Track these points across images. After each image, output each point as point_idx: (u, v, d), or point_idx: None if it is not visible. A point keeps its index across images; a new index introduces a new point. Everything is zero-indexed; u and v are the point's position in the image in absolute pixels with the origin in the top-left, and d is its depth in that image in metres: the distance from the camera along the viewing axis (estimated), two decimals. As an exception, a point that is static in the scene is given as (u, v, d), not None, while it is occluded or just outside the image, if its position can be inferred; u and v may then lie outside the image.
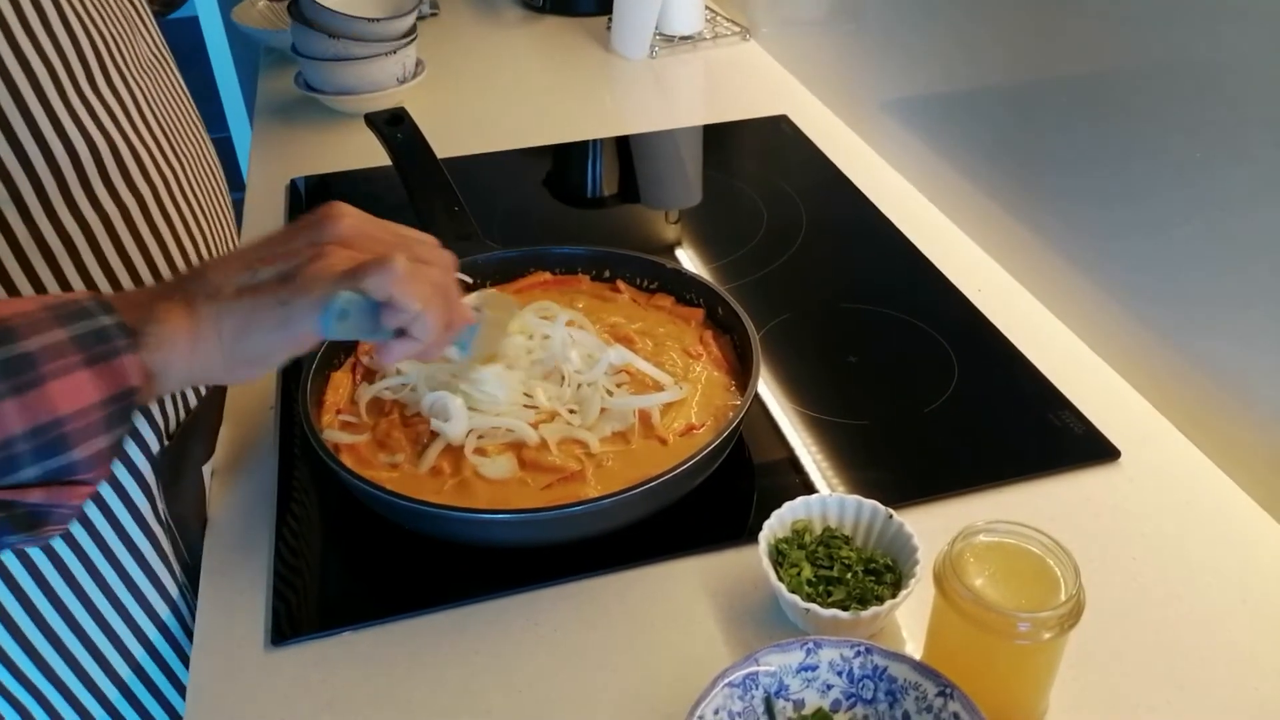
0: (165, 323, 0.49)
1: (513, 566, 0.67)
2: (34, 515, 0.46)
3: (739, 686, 0.52)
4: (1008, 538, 0.55)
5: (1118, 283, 0.83)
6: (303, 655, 0.63)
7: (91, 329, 0.46)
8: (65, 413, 0.44)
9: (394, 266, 0.51)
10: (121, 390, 0.46)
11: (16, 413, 0.43)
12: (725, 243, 1.03)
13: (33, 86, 0.54)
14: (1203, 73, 0.71)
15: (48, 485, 0.45)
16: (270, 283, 0.51)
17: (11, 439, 0.43)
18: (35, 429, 0.43)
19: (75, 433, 0.45)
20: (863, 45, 1.20)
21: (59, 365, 0.44)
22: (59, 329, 0.45)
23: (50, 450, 0.44)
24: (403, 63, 1.31)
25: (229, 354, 0.51)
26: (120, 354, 0.46)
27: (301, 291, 0.50)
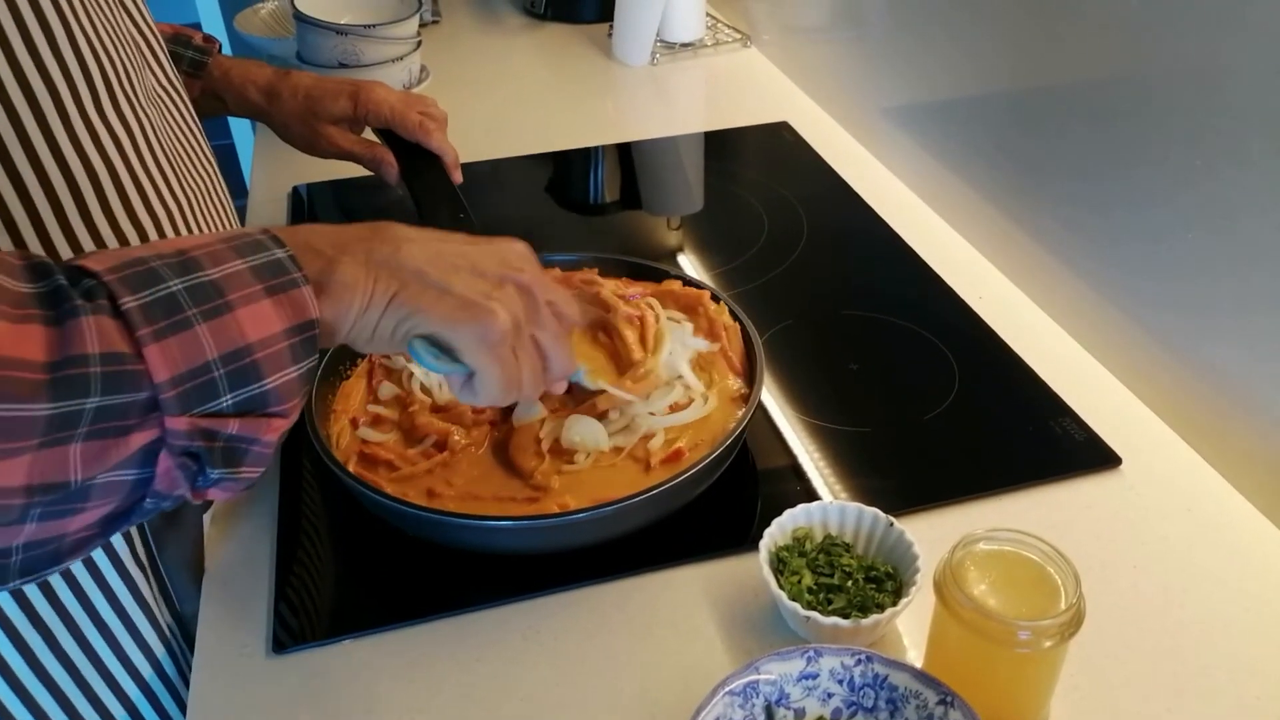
0: (346, 284, 0.49)
1: (514, 574, 0.67)
2: (232, 450, 0.45)
3: (740, 695, 0.52)
4: (1008, 546, 0.55)
5: (1119, 289, 0.83)
6: (303, 664, 0.63)
7: (268, 260, 0.46)
8: (254, 339, 0.44)
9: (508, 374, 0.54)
10: (303, 321, 0.46)
11: (211, 337, 0.43)
12: (727, 249, 1.03)
13: (32, 110, 0.53)
14: (1203, 80, 0.71)
15: (242, 416, 0.45)
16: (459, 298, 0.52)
17: (208, 364, 0.43)
18: (228, 354, 0.43)
19: (265, 360, 0.45)
20: (864, 52, 1.20)
21: (243, 294, 0.44)
22: (238, 260, 0.45)
23: (244, 378, 0.44)
24: (408, 69, 1.32)
25: (382, 331, 0.51)
26: (298, 285, 0.46)
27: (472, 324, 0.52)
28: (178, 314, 0.42)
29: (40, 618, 0.59)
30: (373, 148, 0.96)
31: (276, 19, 1.55)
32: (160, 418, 0.42)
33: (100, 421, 0.41)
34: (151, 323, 0.42)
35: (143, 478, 0.44)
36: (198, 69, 0.94)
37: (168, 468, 0.44)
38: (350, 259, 0.50)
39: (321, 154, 0.98)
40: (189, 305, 0.43)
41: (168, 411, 0.42)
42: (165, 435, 0.43)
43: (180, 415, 0.43)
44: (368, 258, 0.51)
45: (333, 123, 0.95)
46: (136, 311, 0.41)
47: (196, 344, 0.43)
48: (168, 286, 0.43)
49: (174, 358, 0.42)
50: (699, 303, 0.80)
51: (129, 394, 0.41)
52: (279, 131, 0.98)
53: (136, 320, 0.41)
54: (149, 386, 0.42)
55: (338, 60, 1.26)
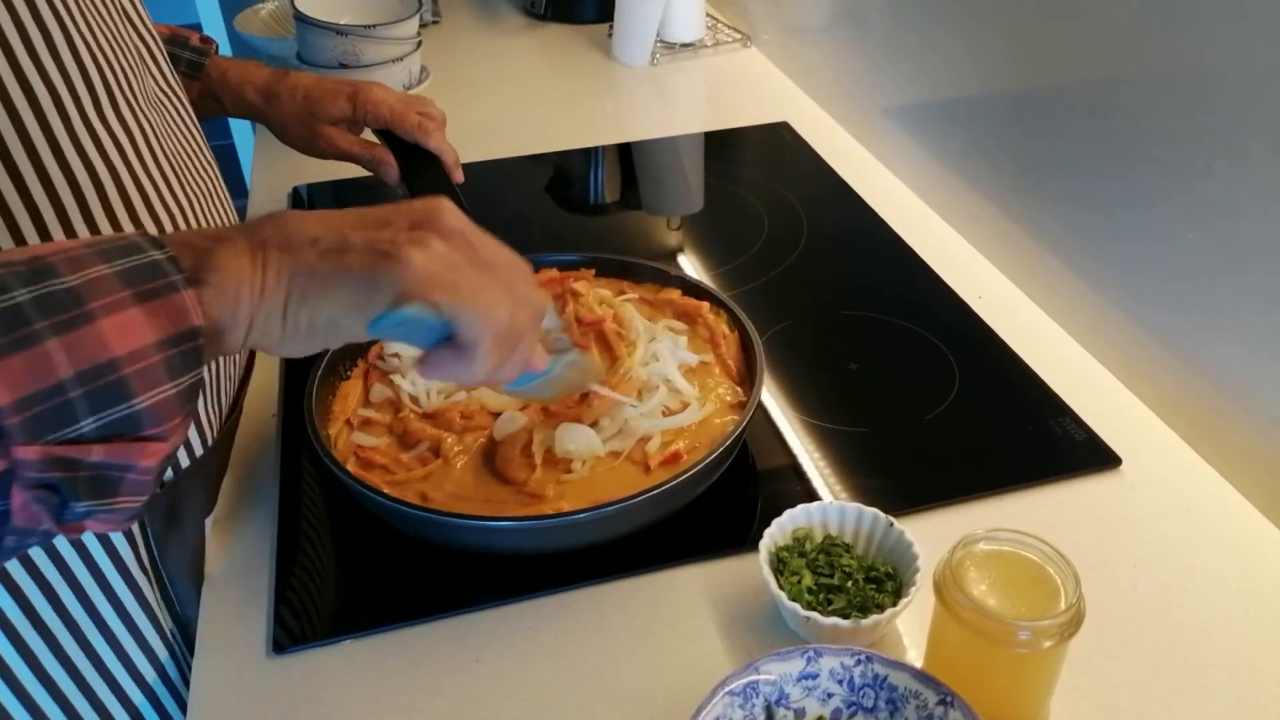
0: (227, 270, 0.43)
1: (514, 574, 0.67)
2: (100, 480, 0.40)
3: (739, 695, 0.53)
4: (1008, 546, 0.55)
5: (1119, 289, 0.83)
6: (303, 664, 0.63)
7: (140, 263, 0.41)
8: (120, 353, 0.39)
9: (498, 320, 0.47)
10: (182, 330, 0.41)
11: (63, 352, 0.38)
12: (727, 249, 1.03)
13: (34, 112, 0.52)
14: (1203, 79, 0.71)
15: (109, 441, 0.40)
16: (362, 253, 0.45)
17: (61, 383, 0.38)
18: (86, 371, 0.38)
19: (134, 376, 0.39)
20: (864, 52, 1.20)
21: (106, 302, 0.39)
22: (103, 264, 0.40)
23: (108, 397, 0.39)
24: (408, 70, 1.32)
25: (292, 318, 0.45)
26: (177, 290, 0.41)
27: (395, 275, 0.45)
28: (21, 328, 0.38)
29: (42, 620, 0.59)
30: (372, 148, 0.96)
31: (276, 19, 1.55)
32: (6, 445, 0.37)
33: None
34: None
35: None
36: (195, 70, 0.93)
37: (23, 501, 0.39)
38: (229, 245, 0.44)
39: (321, 155, 0.97)
40: (37, 317, 0.38)
41: (14, 440, 0.37)
42: (14, 466, 0.38)
43: (29, 444, 0.38)
44: (249, 240, 0.45)
45: (332, 123, 0.95)
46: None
47: (46, 361, 0.38)
48: (11, 298, 0.38)
49: (18, 379, 0.37)
50: (699, 313, 0.81)
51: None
52: (277, 132, 0.98)
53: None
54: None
55: (338, 61, 1.26)
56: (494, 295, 0.48)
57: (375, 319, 0.45)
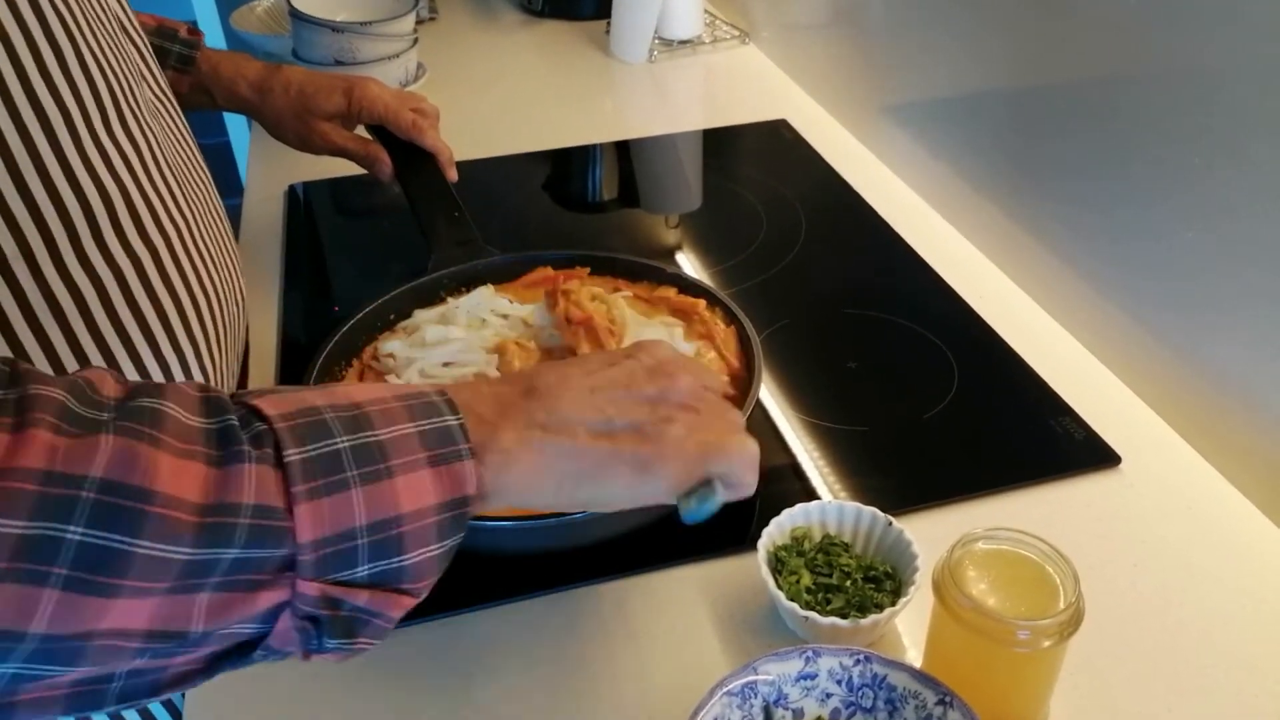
0: (509, 452, 0.46)
1: (511, 575, 0.67)
2: (354, 622, 0.42)
3: (738, 695, 0.52)
4: (1007, 545, 0.55)
5: (1118, 288, 0.83)
6: (300, 663, 0.62)
7: (439, 427, 0.44)
8: (406, 510, 0.42)
9: (748, 454, 0.51)
10: (458, 497, 0.43)
11: (364, 503, 0.41)
12: (725, 247, 1.03)
13: (45, 131, 0.52)
14: (1203, 78, 0.71)
15: (373, 588, 0.42)
16: (627, 436, 0.49)
17: (354, 530, 0.40)
18: (376, 523, 0.41)
19: (411, 534, 0.42)
20: (862, 49, 1.20)
21: (406, 460, 0.42)
22: (409, 422, 0.43)
23: (385, 550, 0.41)
24: (405, 67, 1.32)
25: (565, 494, 0.48)
26: (463, 459, 0.44)
27: (663, 461, 0.49)
28: (338, 474, 0.40)
29: None
30: (367, 145, 0.95)
31: (273, 16, 1.54)
32: (293, 578, 0.40)
33: (234, 574, 0.38)
34: (310, 480, 0.40)
35: (260, 633, 0.41)
36: (186, 64, 0.92)
37: (286, 628, 0.41)
38: (512, 428, 0.47)
39: (315, 150, 0.97)
40: (351, 466, 0.41)
41: (302, 574, 0.40)
42: (293, 598, 0.40)
43: (313, 580, 0.40)
44: (528, 418, 0.48)
45: (326, 119, 0.95)
46: (298, 465, 0.39)
47: (349, 508, 0.40)
48: (335, 443, 0.41)
49: (323, 519, 0.40)
50: (694, 310, 0.80)
51: (269, 549, 0.39)
52: (270, 127, 0.97)
53: (295, 474, 0.39)
54: (290, 545, 0.39)
55: (334, 58, 1.26)
56: (737, 438, 0.52)
57: (690, 515, 0.51)
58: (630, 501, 0.50)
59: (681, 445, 0.50)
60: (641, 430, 0.50)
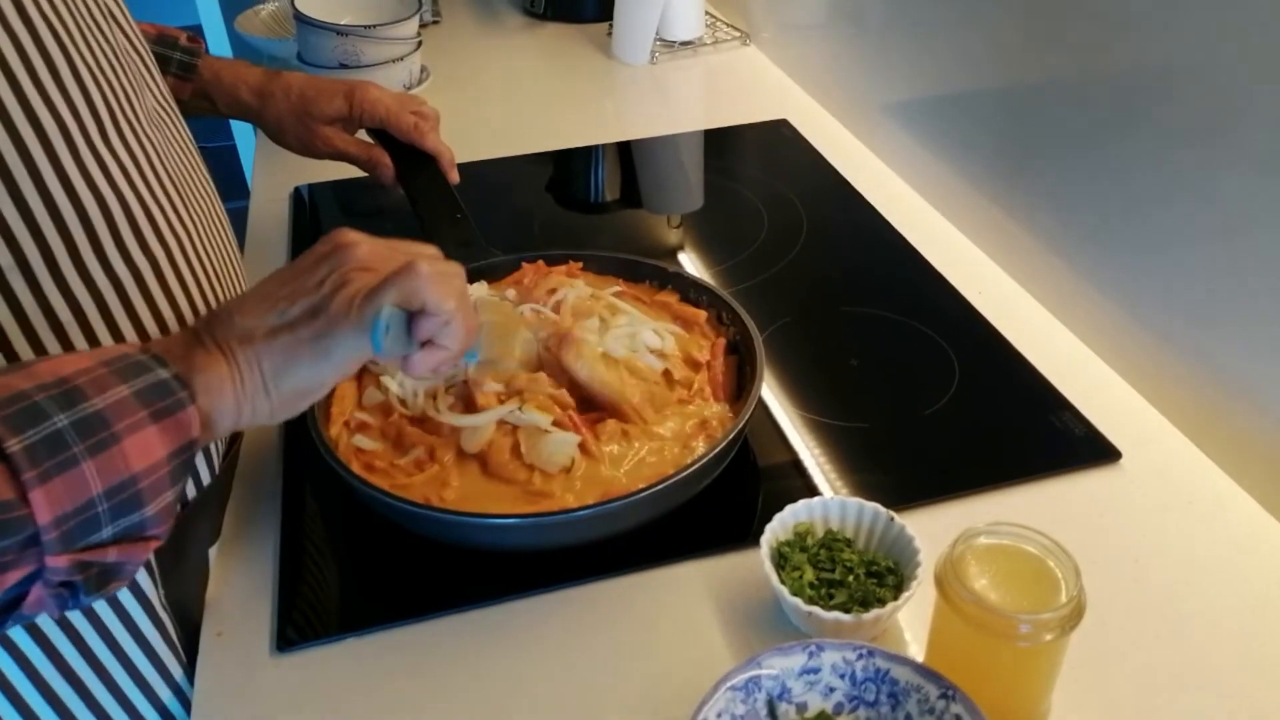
0: (207, 371, 0.49)
1: (517, 571, 0.67)
2: (106, 574, 0.45)
3: (741, 690, 0.53)
4: (1008, 540, 0.55)
5: (1117, 284, 0.83)
6: (308, 661, 0.63)
7: (152, 383, 0.46)
8: (138, 469, 0.44)
9: (420, 270, 0.52)
10: (185, 443, 0.46)
11: (97, 473, 0.42)
12: (727, 247, 1.03)
13: (41, 143, 0.51)
14: (1203, 76, 0.71)
15: (120, 543, 0.45)
16: (303, 318, 0.52)
17: (92, 500, 0.43)
18: (112, 488, 0.43)
19: (147, 489, 0.45)
20: (862, 49, 1.21)
21: (129, 422, 0.44)
22: (122, 385, 0.45)
23: (125, 509, 0.44)
24: (408, 70, 1.32)
25: (274, 393, 0.51)
26: (183, 407, 0.46)
27: (337, 321, 0.51)
28: (63, 452, 0.42)
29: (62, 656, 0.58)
30: (369, 148, 0.96)
31: (277, 20, 1.55)
32: (40, 554, 0.42)
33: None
34: (36, 465, 0.41)
35: (6, 603, 0.43)
36: (187, 71, 0.92)
37: (39, 597, 0.43)
38: (201, 351, 0.50)
39: (316, 155, 0.97)
40: (75, 441, 0.42)
41: (49, 551, 0.42)
42: (43, 570, 0.42)
43: (61, 553, 0.42)
44: (212, 340, 0.51)
45: (327, 123, 0.95)
46: (21, 454, 0.41)
47: (82, 481, 0.42)
48: (53, 423, 0.42)
49: (59, 498, 0.41)
50: (696, 321, 0.81)
51: (12, 537, 0.41)
52: (271, 132, 0.97)
53: (21, 464, 0.40)
54: (31, 527, 0.41)
55: (338, 61, 1.26)
56: (406, 264, 0.52)
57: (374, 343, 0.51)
58: (333, 373, 0.52)
59: (349, 301, 0.52)
60: (314, 307, 0.52)
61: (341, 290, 0.52)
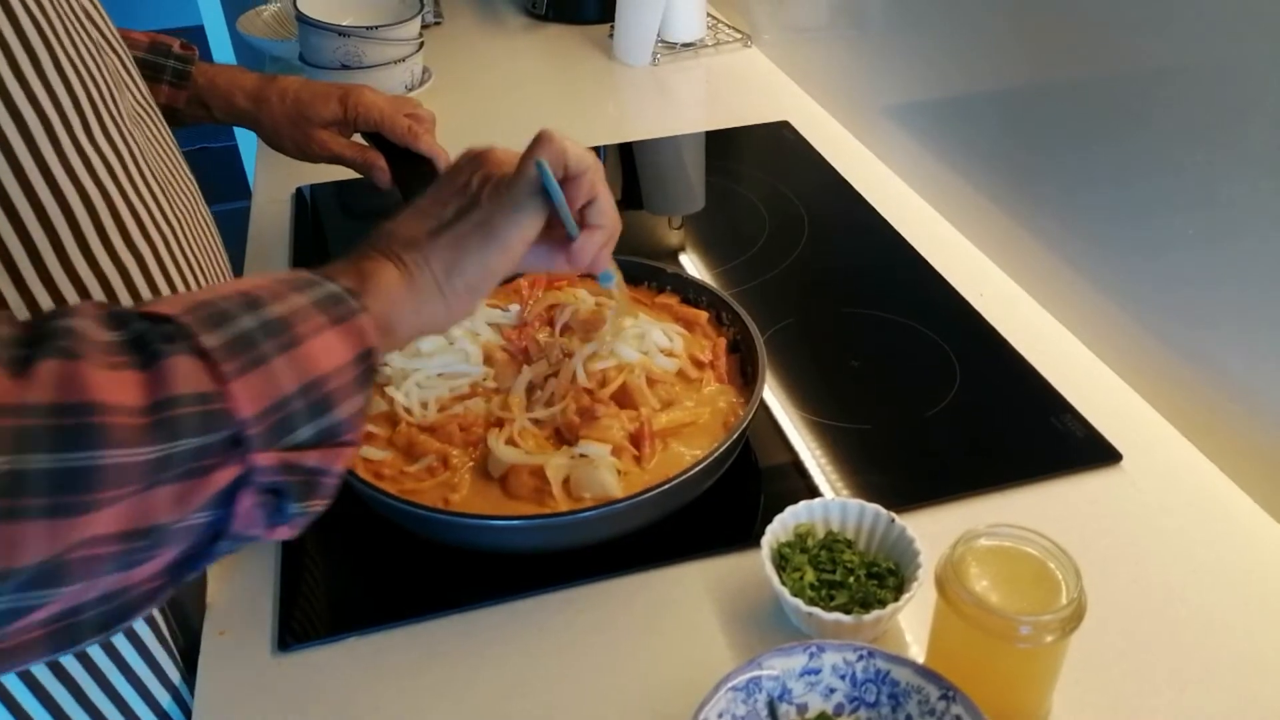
0: (379, 277, 0.52)
1: (519, 571, 0.67)
2: (309, 484, 0.45)
3: (742, 690, 0.53)
4: (1009, 541, 0.55)
5: (1119, 286, 0.83)
6: (309, 661, 0.63)
7: (326, 293, 0.47)
8: (327, 370, 0.45)
9: (553, 134, 0.58)
10: (365, 349, 0.47)
11: (288, 369, 0.43)
12: (728, 248, 1.03)
13: (24, 138, 0.50)
14: (1205, 77, 0.71)
15: (319, 447, 0.45)
16: (460, 213, 0.56)
17: (288, 398, 0.43)
18: (305, 386, 0.44)
19: (337, 391, 0.45)
20: (864, 51, 1.21)
21: (310, 326, 0.45)
22: (298, 295, 0.46)
23: (320, 409, 0.45)
24: (410, 71, 1.32)
25: (448, 290, 0.54)
26: (357, 314, 0.47)
27: (493, 205, 0.55)
28: (255, 349, 0.43)
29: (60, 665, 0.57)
30: (365, 151, 0.95)
31: (279, 21, 1.55)
32: (244, 454, 0.42)
33: (190, 461, 0.40)
34: (233, 358, 0.42)
35: (217, 519, 0.43)
36: (181, 79, 0.92)
37: (249, 506, 0.43)
38: (368, 261, 0.53)
39: (313, 158, 0.97)
40: (264, 340, 0.43)
41: (254, 447, 0.42)
42: (252, 472, 0.42)
43: (267, 450, 0.43)
44: (379, 252, 0.53)
45: (323, 126, 0.95)
46: (219, 349, 0.42)
47: (276, 378, 0.43)
48: (242, 324, 0.43)
49: (257, 392, 0.42)
50: (697, 322, 0.81)
51: (216, 432, 0.41)
52: (267, 137, 0.97)
53: (219, 357, 0.41)
54: (235, 424, 0.41)
55: (340, 62, 1.27)
56: (555, 133, 0.60)
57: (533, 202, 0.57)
58: (504, 256, 0.56)
59: (497, 186, 0.57)
60: (468, 203, 0.56)
61: (487, 183, 0.57)
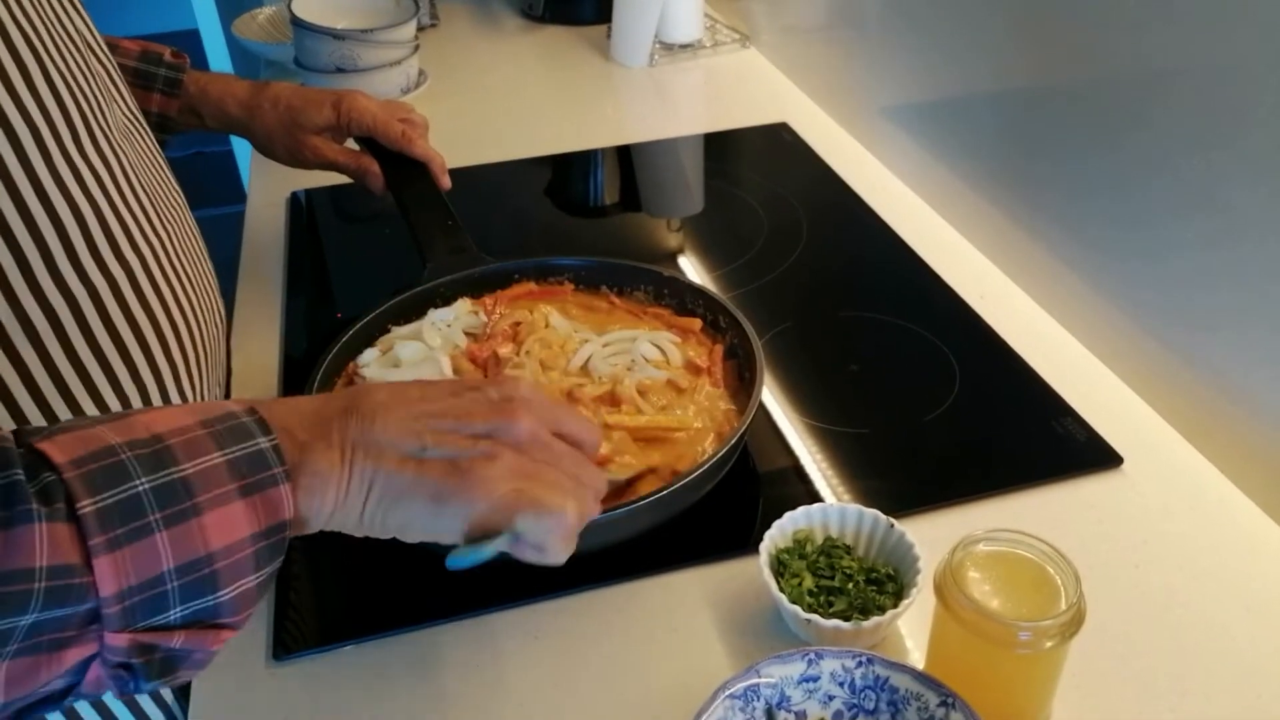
0: (320, 474, 0.45)
1: (514, 579, 0.67)
2: (171, 661, 0.41)
3: (740, 698, 0.52)
4: (1008, 546, 0.55)
5: (1120, 288, 0.83)
6: (305, 670, 0.63)
7: (248, 453, 0.42)
8: (217, 547, 0.40)
9: (565, 522, 0.48)
10: (274, 524, 0.42)
11: (170, 546, 0.39)
12: (727, 251, 1.03)
13: (14, 149, 0.51)
14: (1204, 79, 0.71)
15: (189, 628, 0.41)
16: (437, 466, 0.48)
17: (162, 575, 0.39)
18: (186, 564, 0.40)
19: (225, 570, 0.41)
20: (862, 52, 1.20)
21: (214, 495, 0.40)
22: (215, 451, 0.41)
23: (197, 589, 0.40)
24: (406, 73, 1.32)
25: (369, 517, 0.48)
26: (277, 484, 0.42)
27: (462, 497, 0.47)
28: (138, 519, 0.39)
29: None
30: (358, 158, 0.95)
31: (274, 24, 1.55)
32: (100, 631, 0.39)
33: (34, 636, 0.37)
34: (107, 530, 0.38)
35: (68, 684, 0.40)
36: (173, 86, 0.92)
37: (97, 677, 0.40)
38: (322, 445, 0.46)
39: (306, 165, 0.97)
40: (153, 509, 0.39)
41: (109, 627, 0.39)
42: (102, 650, 0.39)
43: (121, 631, 0.39)
44: (340, 437, 0.47)
45: (316, 132, 0.95)
46: (93, 517, 0.38)
47: (153, 553, 0.39)
48: (133, 486, 0.39)
49: (125, 570, 0.38)
50: (692, 329, 0.81)
51: (70, 608, 0.38)
52: (260, 145, 0.97)
53: (91, 526, 0.38)
54: (93, 599, 0.38)
55: (335, 65, 1.26)
56: (560, 498, 0.49)
57: (454, 559, 0.48)
58: (427, 532, 0.48)
59: (491, 486, 0.47)
60: (454, 463, 0.48)
61: (487, 464, 0.48)
